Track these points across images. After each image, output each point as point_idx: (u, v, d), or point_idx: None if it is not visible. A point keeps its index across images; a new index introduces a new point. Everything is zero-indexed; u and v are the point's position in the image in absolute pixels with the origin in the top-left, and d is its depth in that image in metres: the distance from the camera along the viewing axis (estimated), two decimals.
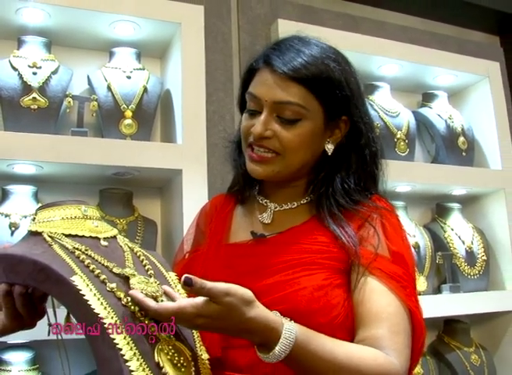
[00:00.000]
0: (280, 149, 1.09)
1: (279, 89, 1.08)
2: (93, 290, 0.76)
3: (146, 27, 1.87)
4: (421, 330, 1.04)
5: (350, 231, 1.08)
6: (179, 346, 0.81)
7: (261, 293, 1.03)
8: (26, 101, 1.66)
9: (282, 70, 1.07)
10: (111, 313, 0.75)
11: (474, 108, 2.52)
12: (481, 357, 2.22)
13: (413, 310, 1.03)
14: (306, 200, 1.17)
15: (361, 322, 1.02)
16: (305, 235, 1.12)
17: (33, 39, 1.77)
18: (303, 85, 1.08)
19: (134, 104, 1.80)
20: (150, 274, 0.88)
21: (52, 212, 0.89)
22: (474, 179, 2.31)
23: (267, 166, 1.11)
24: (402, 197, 2.28)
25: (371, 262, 1.04)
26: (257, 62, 1.14)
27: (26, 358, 1.60)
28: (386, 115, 2.24)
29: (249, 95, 1.12)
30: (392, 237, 1.09)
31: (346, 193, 1.14)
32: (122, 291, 0.80)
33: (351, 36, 2.18)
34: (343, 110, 1.13)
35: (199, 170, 1.75)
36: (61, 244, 0.83)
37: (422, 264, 2.15)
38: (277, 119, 1.09)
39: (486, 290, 2.29)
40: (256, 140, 1.09)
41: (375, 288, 1.03)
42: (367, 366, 0.92)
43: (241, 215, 1.23)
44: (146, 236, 1.78)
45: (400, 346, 0.98)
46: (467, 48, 2.50)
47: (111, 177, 1.79)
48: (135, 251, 0.92)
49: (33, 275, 0.80)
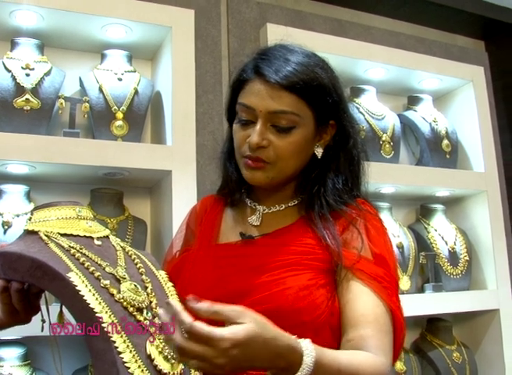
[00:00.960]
0: (273, 159, 1.12)
1: (273, 99, 1.10)
2: (88, 286, 0.80)
3: (137, 30, 1.90)
4: (401, 329, 1.09)
5: (335, 233, 1.13)
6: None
7: (249, 292, 1.08)
8: (19, 103, 1.69)
9: (274, 80, 1.09)
10: (105, 308, 0.79)
11: (459, 111, 2.57)
12: (462, 355, 2.28)
13: (393, 310, 1.07)
14: (293, 202, 1.22)
15: (349, 323, 1.06)
16: (292, 237, 1.16)
17: (26, 41, 1.80)
18: (295, 93, 1.11)
19: (125, 106, 1.84)
20: (141, 272, 0.92)
21: (48, 212, 0.92)
22: (457, 181, 2.36)
23: (262, 172, 1.14)
24: (387, 198, 2.33)
25: (354, 263, 1.09)
26: (246, 73, 1.15)
27: (18, 354, 1.63)
28: (372, 118, 2.29)
29: (241, 106, 1.14)
30: (375, 240, 1.14)
31: (335, 193, 1.18)
32: (115, 287, 0.84)
33: (339, 40, 2.23)
34: (331, 115, 1.18)
35: (188, 171, 1.79)
36: (57, 242, 0.87)
37: (406, 264, 2.20)
38: (272, 129, 1.11)
39: (468, 289, 2.34)
40: (253, 150, 1.11)
41: (360, 290, 1.07)
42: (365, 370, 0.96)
43: (230, 216, 1.27)
44: (136, 235, 1.81)
45: (387, 346, 1.03)
46: (452, 53, 2.56)
47: (102, 177, 1.82)
48: (127, 250, 0.96)
49: (31, 272, 0.83)
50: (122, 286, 0.85)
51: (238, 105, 1.16)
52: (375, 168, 2.16)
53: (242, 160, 1.17)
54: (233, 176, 1.25)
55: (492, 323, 2.33)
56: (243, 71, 1.17)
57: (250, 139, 1.11)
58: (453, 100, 2.60)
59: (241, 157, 1.17)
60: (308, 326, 1.06)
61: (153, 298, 0.89)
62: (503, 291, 2.33)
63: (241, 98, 1.15)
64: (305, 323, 1.06)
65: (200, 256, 1.20)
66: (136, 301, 0.84)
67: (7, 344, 1.64)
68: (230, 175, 1.25)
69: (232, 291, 1.10)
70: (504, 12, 2.72)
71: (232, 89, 1.20)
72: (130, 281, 0.87)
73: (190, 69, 1.91)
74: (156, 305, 0.88)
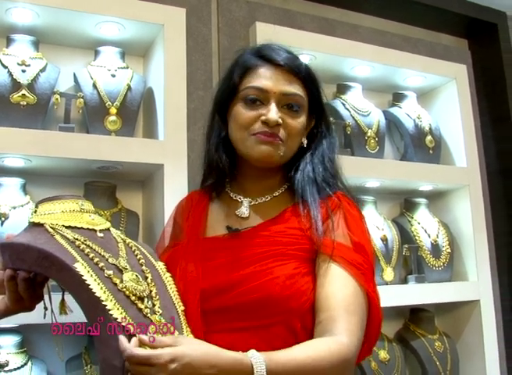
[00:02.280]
0: (286, 136, 1.22)
1: (286, 82, 1.22)
2: (93, 276, 0.86)
3: (130, 28, 1.94)
4: (377, 313, 1.17)
5: (319, 223, 1.20)
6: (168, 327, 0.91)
7: (238, 283, 1.15)
8: (15, 98, 1.73)
9: (284, 63, 1.22)
10: (109, 296, 0.84)
11: (442, 108, 2.64)
12: (444, 344, 2.35)
13: (370, 294, 1.15)
14: (278, 193, 1.30)
15: (320, 304, 1.13)
16: (277, 228, 1.23)
17: (22, 38, 1.83)
18: (300, 79, 1.24)
19: (118, 101, 1.88)
20: (141, 263, 0.97)
21: (52, 205, 0.98)
22: (440, 176, 2.43)
23: (276, 148, 1.22)
24: (372, 192, 2.40)
25: (334, 250, 1.16)
26: (250, 62, 1.25)
27: (14, 342, 1.67)
28: (358, 114, 2.35)
29: (252, 89, 1.23)
30: (354, 228, 1.22)
31: (319, 184, 1.26)
32: (118, 277, 0.90)
33: (326, 38, 2.28)
34: (316, 108, 1.27)
35: (179, 165, 1.83)
36: (62, 234, 0.92)
37: (390, 256, 2.27)
38: (283, 109, 1.22)
39: (450, 281, 2.41)
40: (271, 127, 1.20)
41: (335, 273, 1.15)
42: (322, 359, 1.02)
43: (216, 210, 1.33)
44: (128, 227, 1.86)
45: (354, 326, 1.09)
46: (436, 51, 2.62)
47: (95, 171, 1.87)
48: (127, 242, 1.02)
49: (39, 262, 0.89)
50: (125, 276, 0.91)
51: (246, 90, 1.24)
52: (360, 163, 2.26)
53: (251, 138, 1.23)
54: (225, 162, 1.30)
55: (473, 313, 2.40)
56: (244, 62, 1.26)
57: (270, 116, 1.20)
58: (437, 97, 2.66)
59: (250, 135, 1.23)
60: (295, 312, 1.14)
61: (153, 287, 0.95)
62: (484, 282, 2.41)
63: (250, 83, 1.24)
64: (292, 309, 1.14)
65: (189, 250, 1.26)
66: (138, 291, 0.90)
67: (3, 332, 1.68)
68: (223, 161, 1.31)
69: (221, 283, 1.17)
70: (487, 11, 2.79)
71: (232, 78, 1.27)
72: (132, 271, 0.93)
73: (181, 66, 1.95)
74: (156, 294, 0.94)
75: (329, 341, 1.07)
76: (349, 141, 2.30)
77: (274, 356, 0.97)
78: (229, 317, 1.15)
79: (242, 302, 1.10)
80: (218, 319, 1.15)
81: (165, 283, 1.01)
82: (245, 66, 1.26)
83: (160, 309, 0.92)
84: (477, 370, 2.36)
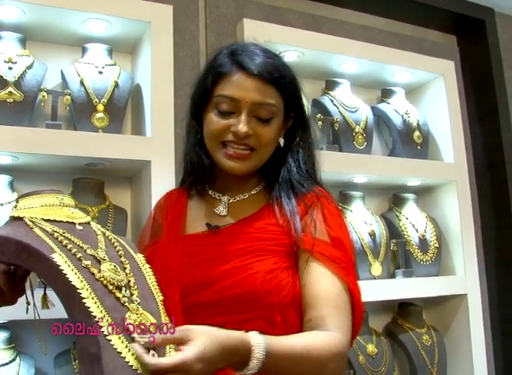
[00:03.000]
0: (257, 145, 1.22)
1: (257, 91, 1.19)
2: (70, 265, 0.88)
3: (117, 25, 1.95)
4: (358, 305, 1.19)
5: (297, 219, 1.22)
6: (145, 315, 0.93)
7: (219, 278, 1.17)
8: (2, 95, 1.73)
9: (257, 72, 1.19)
10: (86, 285, 0.86)
11: (430, 104, 2.66)
12: (432, 337, 2.38)
13: (351, 288, 1.17)
14: (256, 190, 1.32)
15: (308, 303, 1.16)
16: (256, 225, 1.25)
17: (8, 35, 1.84)
18: (274, 86, 1.21)
19: (106, 98, 1.89)
20: (120, 254, 0.99)
21: (32, 199, 1.00)
22: (427, 171, 2.45)
23: (245, 162, 1.24)
24: (359, 187, 2.42)
25: (313, 246, 1.18)
26: (224, 67, 1.22)
27: (2, 338, 1.68)
28: (346, 110, 2.36)
29: (223, 98, 1.21)
30: (332, 224, 1.23)
31: (296, 180, 1.28)
32: (96, 267, 0.91)
33: (313, 35, 2.29)
34: (295, 108, 1.28)
35: (167, 161, 1.85)
36: (41, 227, 0.94)
37: (377, 251, 2.29)
38: (254, 119, 1.21)
39: (438, 275, 2.43)
40: (240, 138, 1.20)
41: (318, 271, 1.17)
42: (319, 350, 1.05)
43: (195, 208, 1.35)
44: (116, 223, 1.88)
45: (344, 323, 1.13)
46: (424, 48, 2.64)
47: (83, 167, 1.88)
48: (107, 234, 1.04)
49: (17, 253, 0.91)
50: (103, 266, 0.92)
51: (218, 98, 1.22)
52: (348, 158, 2.28)
53: (220, 149, 1.24)
54: (205, 161, 1.31)
55: (461, 307, 2.42)
56: (218, 66, 1.24)
57: (239, 128, 1.19)
58: (425, 93, 2.68)
59: (219, 144, 1.24)
60: (275, 306, 1.16)
61: (131, 277, 0.96)
62: (471, 276, 2.43)
63: (222, 91, 1.22)
64: (273, 303, 1.16)
65: (169, 247, 1.27)
66: (116, 280, 0.92)
67: None
68: (204, 162, 1.31)
69: (202, 279, 1.19)
70: (474, 8, 2.81)
71: (206, 83, 1.26)
72: (110, 262, 0.94)
73: (168, 62, 1.96)
74: (134, 284, 0.96)
75: (323, 334, 1.10)
76: (336, 137, 2.32)
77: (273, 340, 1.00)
78: (210, 312, 1.16)
79: (223, 297, 1.12)
80: (200, 314, 1.16)
81: (144, 274, 1.03)
82: (218, 72, 1.23)
83: (138, 298, 0.94)
84: (464, 363, 2.38)
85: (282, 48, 2.24)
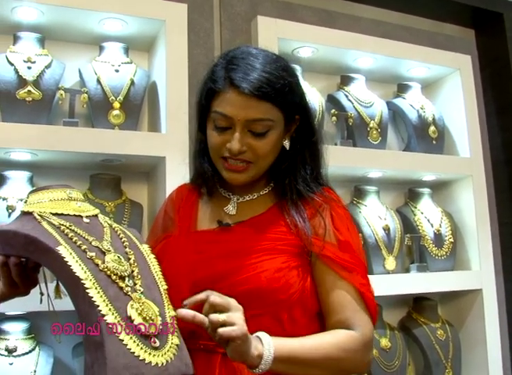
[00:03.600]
0: (254, 159, 1.24)
1: (249, 108, 1.19)
2: (75, 257, 0.92)
3: (133, 24, 2.00)
4: (371, 302, 1.24)
5: (306, 221, 1.25)
6: (147, 304, 0.97)
7: (229, 275, 1.21)
8: (21, 94, 1.80)
9: (248, 91, 1.18)
10: (89, 276, 0.90)
11: (446, 98, 2.65)
12: (446, 332, 2.38)
13: (358, 289, 1.22)
14: (265, 191, 1.35)
15: (329, 310, 1.23)
16: (266, 224, 1.28)
17: (27, 35, 1.90)
18: (268, 101, 1.21)
19: (122, 96, 1.94)
20: (125, 246, 1.03)
21: (41, 194, 1.05)
22: (443, 166, 2.45)
23: (243, 174, 1.26)
24: (374, 182, 2.43)
25: (321, 249, 1.23)
26: (218, 84, 1.22)
27: (22, 328, 1.75)
28: (360, 105, 2.38)
29: (218, 114, 1.22)
30: (339, 226, 1.27)
31: (304, 182, 1.31)
32: (100, 258, 0.96)
33: (327, 31, 2.31)
34: (297, 112, 1.29)
35: (181, 157, 1.87)
36: (49, 221, 0.99)
37: (392, 245, 2.30)
38: (249, 134, 1.22)
39: (453, 270, 2.43)
40: (235, 155, 1.22)
41: (332, 279, 1.23)
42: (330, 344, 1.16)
43: (205, 206, 1.38)
44: (132, 218, 1.93)
45: (363, 321, 1.21)
46: (440, 42, 2.64)
47: (100, 163, 1.93)
48: (113, 226, 1.08)
49: (26, 247, 0.96)
50: (107, 257, 0.97)
51: (214, 114, 1.24)
52: (362, 153, 2.29)
53: (220, 162, 1.27)
54: (209, 172, 1.34)
55: (476, 302, 2.42)
56: (214, 81, 1.24)
57: (232, 146, 1.21)
58: (441, 88, 2.68)
59: (219, 158, 1.27)
60: (283, 303, 1.21)
61: (135, 267, 1.01)
62: (486, 271, 2.43)
63: (217, 107, 1.23)
64: (281, 301, 1.20)
65: (181, 242, 1.31)
66: (119, 271, 0.96)
67: (12, 319, 1.76)
68: (206, 171, 1.35)
69: (212, 274, 1.22)
70: (492, 1, 2.79)
71: (204, 97, 1.28)
72: (114, 253, 0.99)
73: (183, 60, 2.00)
74: (138, 273, 1.00)
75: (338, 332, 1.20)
76: (351, 132, 2.33)
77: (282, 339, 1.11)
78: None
79: (232, 294, 1.13)
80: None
81: (148, 263, 1.07)
82: (212, 89, 1.24)
83: (141, 288, 0.98)
84: (479, 358, 2.38)
85: (297, 45, 2.27)
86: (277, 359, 1.07)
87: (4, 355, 1.69)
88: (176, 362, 0.96)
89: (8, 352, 1.70)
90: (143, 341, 0.93)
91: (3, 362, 1.68)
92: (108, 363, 0.87)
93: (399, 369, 2.21)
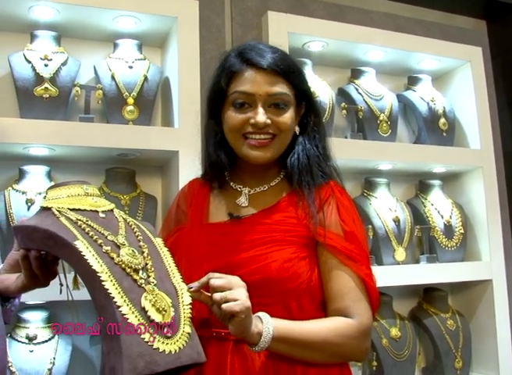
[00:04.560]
0: (277, 132, 1.30)
1: (269, 83, 1.28)
2: (91, 251, 0.97)
3: (146, 21, 2.05)
4: (374, 293, 1.28)
5: (314, 213, 1.30)
6: (161, 295, 1.02)
7: (239, 265, 1.26)
8: (38, 91, 1.85)
9: (267, 66, 1.27)
10: (105, 269, 0.95)
11: (457, 91, 2.66)
12: (456, 322, 2.41)
13: (363, 278, 1.27)
14: (275, 182, 1.39)
15: (329, 298, 1.28)
16: (276, 216, 1.33)
17: (44, 33, 1.96)
18: (283, 77, 1.29)
19: (136, 91, 1.99)
20: (139, 239, 1.08)
21: (59, 191, 1.10)
22: (453, 158, 2.47)
23: (267, 150, 1.31)
24: (385, 174, 2.46)
25: (327, 240, 1.27)
26: (234, 66, 1.30)
27: (42, 317, 1.82)
28: (370, 98, 2.40)
29: (239, 93, 1.29)
30: (345, 218, 1.31)
31: (312, 173, 1.35)
32: (115, 252, 1.01)
33: (338, 25, 2.34)
34: (304, 97, 1.35)
35: (193, 151, 1.92)
36: (66, 216, 1.04)
37: (402, 236, 2.33)
38: (270, 109, 1.29)
39: (463, 261, 2.46)
40: (261, 128, 1.28)
41: (335, 268, 1.27)
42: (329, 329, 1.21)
43: (217, 199, 1.42)
44: (147, 210, 1.98)
45: (362, 310, 1.25)
46: (450, 34, 2.64)
47: (115, 158, 1.99)
48: (128, 221, 1.13)
49: (45, 241, 1.01)
50: (122, 251, 1.01)
51: (234, 95, 1.30)
52: (372, 146, 2.32)
53: (241, 142, 1.32)
54: (226, 163, 1.39)
55: (486, 292, 2.45)
56: (229, 66, 1.31)
57: (257, 119, 1.27)
58: (452, 80, 2.69)
59: (240, 137, 1.32)
60: (292, 293, 1.26)
61: (149, 260, 1.05)
62: (496, 262, 2.45)
63: (236, 87, 1.30)
64: (289, 290, 1.25)
65: (193, 234, 1.36)
66: (133, 264, 1.01)
67: (32, 308, 1.82)
68: (224, 161, 1.39)
69: (224, 265, 1.27)
70: None
71: (220, 84, 1.33)
72: (129, 247, 1.03)
73: (195, 56, 2.04)
74: (151, 266, 1.05)
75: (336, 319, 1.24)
76: (361, 125, 2.36)
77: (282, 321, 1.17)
78: None
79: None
80: None
81: (161, 256, 1.11)
82: (230, 71, 1.31)
83: (155, 280, 1.03)
84: (489, 348, 2.41)
85: (307, 39, 2.30)
86: (276, 339, 1.12)
87: (25, 343, 1.76)
88: (188, 350, 1.01)
89: (29, 340, 1.76)
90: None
91: (24, 350, 1.75)
92: (123, 352, 0.92)
93: (409, 359, 2.25)
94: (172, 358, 0.97)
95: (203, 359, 1.04)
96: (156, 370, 0.94)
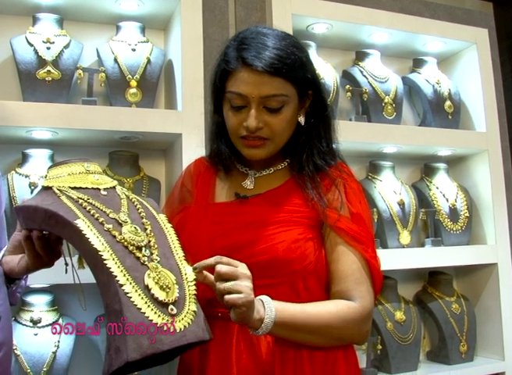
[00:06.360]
0: (271, 135, 1.27)
1: (263, 85, 1.22)
2: (93, 230, 0.96)
3: (148, 3, 2.03)
4: (378, 275, 1.29)
5: (321, 194, 1.29)
6: (164, 272, 1.01)
7: (247, 245, 1.25)
8: (41, 74, 1.84)
9: (261, 68, 1.21)
10: (107, 248, 0.95)
11: (462, 73, 2.64)
12: (461, 306, 2.41)
13: (368, 260, 1.27)
14: (281, 166, 1.38)
15: (333, 279, 1.28)
16: (282, 197, 1.32)
17: (46, 16, 1.94)
18: (281, 77, 1.23)
19: (138, 74, 1.97)
20: (142, 216, 1.08)
21: (60, 169, 1.09)
22: (459, 140, 2.45)
23: (262, 149, 1.29)
24: (389, 157, 2.45)
25: (335, 222, 1.27)
26: (231, 64, 1.25)
27: (46, 301, 1.82)
28: (375, 80, 2.38)
29: (233, 94, 1.25)
30: (352, 200, 1.31)
31: (320, 156, 1.34)
32: (117, 230, 1.00)
33: (342, 7, 2.31)
34: (310, 87, 1.32)
35: (197, 134, 1.92)
36: (67, 195, 1.03)
37: (406, 220, 2.32)
38: (264, 110, 1.25)
39: (468, 244, 2.45)
40: (252, 132, 1.25)
41: (341, 250, 1.27)
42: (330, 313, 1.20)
43: (223, 181, 1.41)
44: (150, 193, 1.97)
45: (364, 293, 1.25)
46: (457, 16, 2.62)
47: (118, 141, 1.98)
48: (130, 197, 1.12)
49: (46, 221, 1.01)
50: (124, 228, 1.01)
51: (229, 94, 1.27)
52: (377, 129, 2.30)
53: (239, 141, 1.30)
54: (226, 153, 1.38)
55: (491, 276, 2.44)
56: (226, 62, 1.27)
57: (249, 123, 1.24)
58: (458, 62, 2.66)
59: (238, 138, 1.30)
60: (298, 273, 1.25)
61: (152, 238, 1.05)
62: (502, 245, 2.44)
63: (231, 87, 1.26)
64: (296, 271, 1.25)
65: (200, 214, 1.35)
66: (136, 241, 1.00)
67: (36, 292, 1.82)
68: (223, 152, 1.38)
69: (231, 245, 1.27)
70: None
71: (218, 79, 1.30)
72: (131, 224, 1.03)
73: (198, 38, 2.02)
74: (154, 243, 1.04)
75: (339, 302, 1.24)
76: (366, 107, 2.34)
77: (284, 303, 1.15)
78: None
79: (250, 263, 1.17)
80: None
81: (165, 233, 1.10)
82: (226, 70, 1.27)
83: (158, 257, 1.02)
84: (494, 332, 2.41)
85: (311, 21, 2.28)
86: (278, 324, 1.11)
87: (29, 326, 1.76)
88: (193, 327, 1.00)
89: (33, 323, 1.77)
90: (160, 309, 0.97)
91: (28, 333, 1.75)
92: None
93: (413, 342, 2.25)
94: (178, 336, 0.97)
95: (208, 337, 1.04)
96: (161, 349, 0.94)
